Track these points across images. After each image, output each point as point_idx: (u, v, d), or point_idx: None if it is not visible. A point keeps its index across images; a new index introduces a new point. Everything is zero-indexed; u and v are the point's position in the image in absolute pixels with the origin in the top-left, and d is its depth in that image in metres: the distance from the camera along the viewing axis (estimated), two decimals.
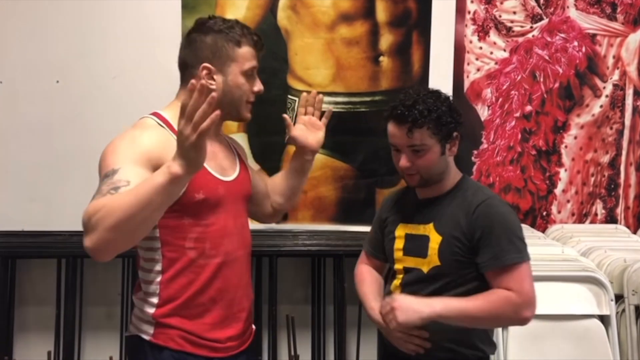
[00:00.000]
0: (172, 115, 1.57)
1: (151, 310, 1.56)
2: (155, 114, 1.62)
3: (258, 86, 1.68)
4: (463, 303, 1.62)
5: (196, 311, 1.57)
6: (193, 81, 1.30)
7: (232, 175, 1.67)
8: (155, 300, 1.56)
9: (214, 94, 1.30)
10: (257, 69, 1.69)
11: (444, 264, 1.69)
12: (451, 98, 1.75)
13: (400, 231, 1.78)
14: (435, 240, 1.70)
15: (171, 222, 1.52)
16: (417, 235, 1.74)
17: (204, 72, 1.60)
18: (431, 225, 1.72)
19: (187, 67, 1.64)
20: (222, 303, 1.60)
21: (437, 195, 1.75)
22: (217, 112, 1.29)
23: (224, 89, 1.61)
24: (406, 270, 1.76)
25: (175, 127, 1.44)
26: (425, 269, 1.71)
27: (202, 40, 1.62)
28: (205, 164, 1.44)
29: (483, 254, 1.65)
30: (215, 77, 1.61)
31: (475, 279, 1.69)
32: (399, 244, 1.77)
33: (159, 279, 1.55)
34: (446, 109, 1.68)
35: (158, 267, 1.55)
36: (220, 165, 1.64)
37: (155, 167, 1.42)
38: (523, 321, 1.64)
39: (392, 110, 1.69)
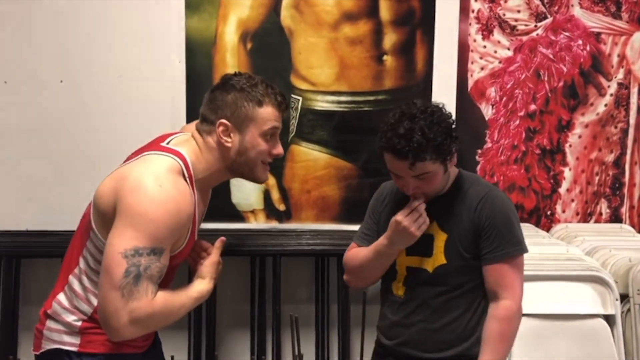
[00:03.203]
0: (193, 159, 1.60)
1: (78, 323, 1.56)
2: (182, 158, 1.57)
3: (278, 149, 1.66)
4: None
5: None
6: None
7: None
8: (85, 315, 1.56)
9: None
10: (280, 130, 1.67)
11: (449, 261, 1.70)
12: (443, 107, 1.68)
13: None
14: (440, 238, 1.71)
15: None
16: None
17: (220, 128, 1.59)
18: (435, 223, 1.72)
19: (206, 121, 1.63)
20: None
21: (437, 195, 1.74)
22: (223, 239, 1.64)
23: (239, 149, 1.61)
24: (409, 270, 1.76)
25: (193, 173, 1.57)
26: (430, 268, 1.72)
27: (222, 98, 1.61)
28: (194, 230, 1.61)
29: (485, 246, 1.68)
30: (232, 135, 1.60)
31: (481, 286, 1.72)
32: None
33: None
34: (444, 129, 1.62)
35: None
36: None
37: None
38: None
39: (388, 142, 1.62)
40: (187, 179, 1.56)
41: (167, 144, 1.62)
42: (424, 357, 1.75)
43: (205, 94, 1.67)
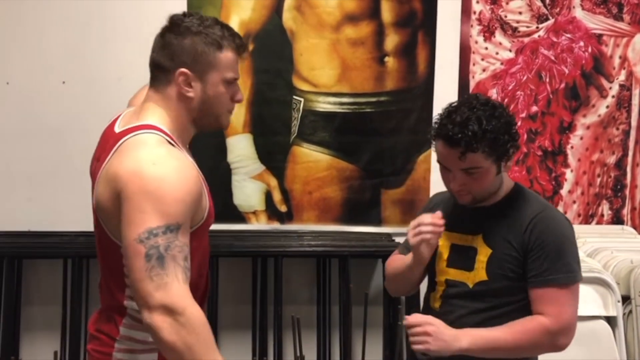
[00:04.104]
0: (169, 128, 1.48)
1: (150, 338, 1.40)
2: (156, 129, 1.46)
3: (239, 96, 1.55)
4: (493, 336, 1.54)
5: None
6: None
7: None
8: None
9: None
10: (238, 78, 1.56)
11: (491, 279, 1.58)
12: (505, 108, 1.59)
13: (445, 240, 1.65)
14: (484, 253, 1.59)
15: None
16: (464, 247, 1.62)
17: (181, 78, 1.47)
18: (480, 236, 1.61)
19: (162, 70, 1.50)
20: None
21: (488, 205, 1.62)
22: None
23: (202, 97, 1.49)
24: (448, 283, 1.65)
25: (174, 136, 1.45)
26: (470, 284, 1.61)
27: (178, 43, 1.47)
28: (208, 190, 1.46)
29: (532, 268, 1.55)
30: (192, 84, 1.47)
31: (526, 308, 1.58)
32: (443, 253, 1.66)
33: None
34: (503, 125, 1.53)
35: None
36: None
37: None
38: (559, 348, 1.57)
39: (441, 128, 1.53)
40: (175, 145, 1.45)
41: (127, 125, 1.49)
42: None
43: (155, 38, 1.53)
